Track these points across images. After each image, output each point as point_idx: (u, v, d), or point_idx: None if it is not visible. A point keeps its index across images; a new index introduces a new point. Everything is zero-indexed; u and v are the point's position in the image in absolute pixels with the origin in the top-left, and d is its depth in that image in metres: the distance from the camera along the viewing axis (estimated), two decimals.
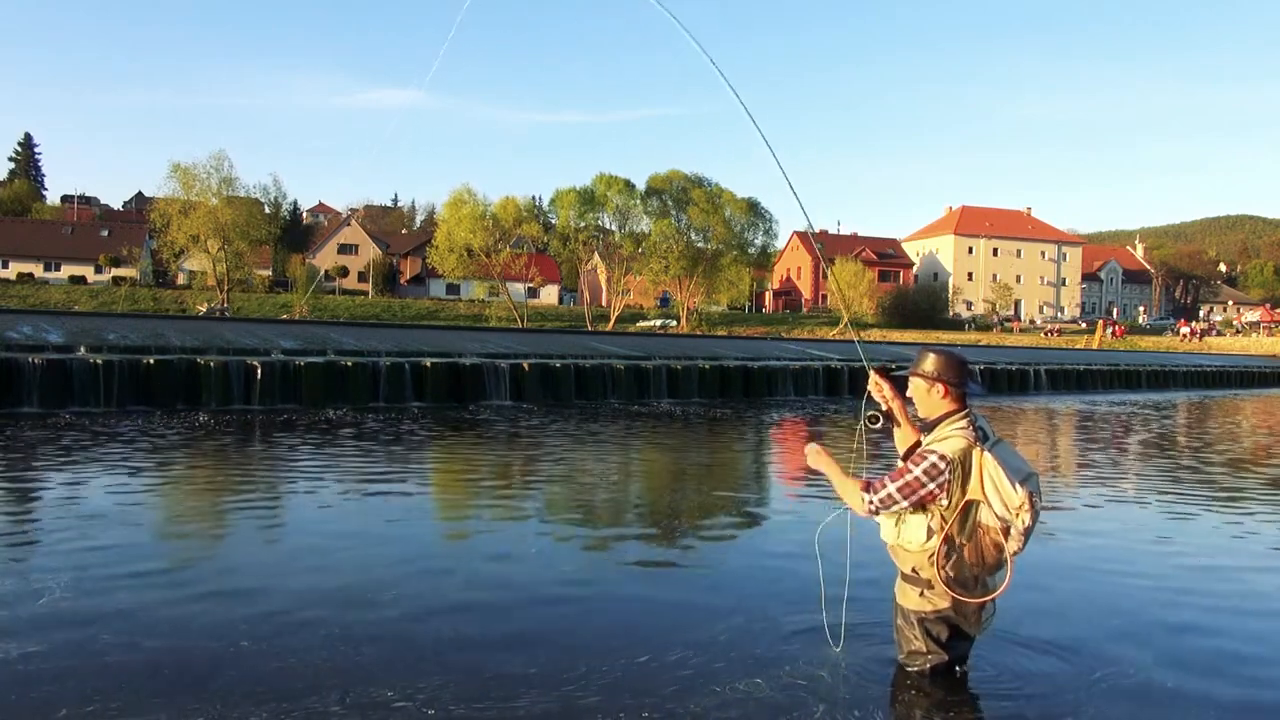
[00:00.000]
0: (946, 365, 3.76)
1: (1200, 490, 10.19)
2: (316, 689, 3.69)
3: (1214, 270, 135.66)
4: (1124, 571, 6.17)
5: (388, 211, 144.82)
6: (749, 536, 7.19)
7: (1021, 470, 3.62)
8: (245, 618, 4.56)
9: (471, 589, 5.29)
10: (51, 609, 4.66)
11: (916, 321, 73.86)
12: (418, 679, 3.81)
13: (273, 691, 3.65)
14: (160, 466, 9.88)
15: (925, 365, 3.80)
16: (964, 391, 3.76)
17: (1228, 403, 27.71)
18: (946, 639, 3.79)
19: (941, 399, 3.74)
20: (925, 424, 3.83)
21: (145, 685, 3.70)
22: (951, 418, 3.71)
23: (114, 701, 3.54)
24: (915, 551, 3.71)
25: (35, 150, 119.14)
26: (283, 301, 65.30)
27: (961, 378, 3.75)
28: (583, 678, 3.89)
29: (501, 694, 3.70)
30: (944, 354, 3.84)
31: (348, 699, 3.61)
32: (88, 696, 3.57)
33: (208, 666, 3.92)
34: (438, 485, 9.87)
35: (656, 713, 3.58)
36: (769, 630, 4.57)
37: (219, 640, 4.23)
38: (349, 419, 14.64)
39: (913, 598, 3.78)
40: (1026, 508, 3.54)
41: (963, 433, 3.65)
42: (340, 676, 3.83)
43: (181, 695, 3.61)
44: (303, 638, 4.30)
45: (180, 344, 17.40)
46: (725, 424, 16.30)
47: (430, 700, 3.60)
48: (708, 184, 70.14)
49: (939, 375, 3.74)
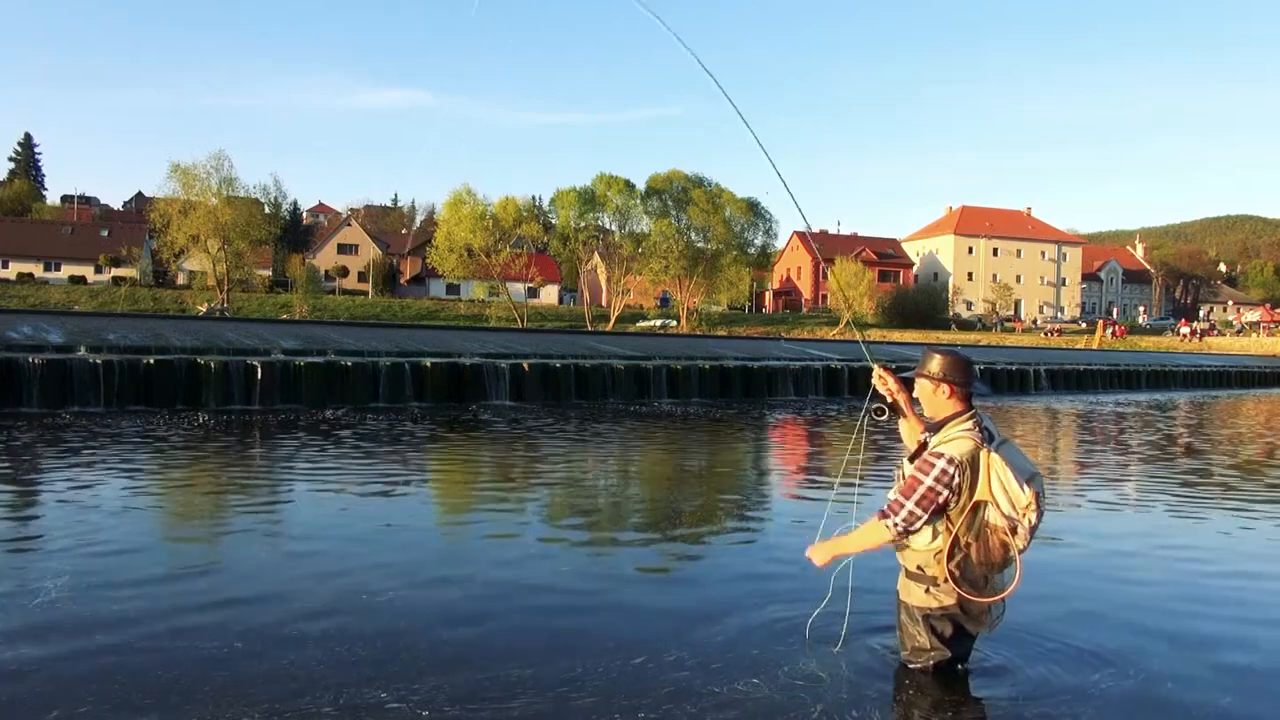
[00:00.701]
0: (952, 366, 3.79)
1: (1205, 492, 10.17)
2: (309, 690, 3.67)
3: (1214, 270, 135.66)
4: (1125, 572, 6.15)
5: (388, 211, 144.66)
6: (746, 537, 7.18)
7: (1027, 470, 3.65)
8: (239, 619, 4.54)
9: (467, 590, 5.27)
10: (47, 611, 4.64)
11: (917, 321, 73.87)
12: (412, 681, 3.79)
13: (265, 694, 3.63)
14: (160, 467, 9.87)
15: (930, 366, 3.82)
16: (970, 391, 3.78)
17: (1228, 403, 27.71)
18: (951, 636, 3.79)
19: (947, 399, 3.77)
20: (931, 424, 3.83)
21: (137, 687, 3.68)
22: (958, 418, 3.73)
23: (105, 703, 3.52)
24: (922, 550, 3.72)
25: (35, 150, 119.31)
26: (283, 301, 65.32)
27: (967, 378, 3.78)
28: (578, 679, 3.87)
29: (496, 695, 3.68)
30: (949, 354, 3.86)
31: (341, 700, 3.59)
32: (79, 698, 3.55)
33: (201, 669, 3.90)
34: (436, 486, 9.86)
35: (652, 714, 3.56)
36: (766, 631, 4.55)
37: (213, 642, 4.21)
38: (349, 419, 14.64)
39: (918, 594, 3.77)
40: (1033, 507, 3.58)
41: (969, 434, 3.66)
42: (334, 678, 3.81)
43: (173, 697, 3.60)
44: (297, 639, 4.28)
45: (180, 344, 17.40)
46: (725, 424, 16.30)
47: (424, 702, 3.58)
48: (708, 184, 70.14)
49: (944, 376, 3.77)
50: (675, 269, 68.32)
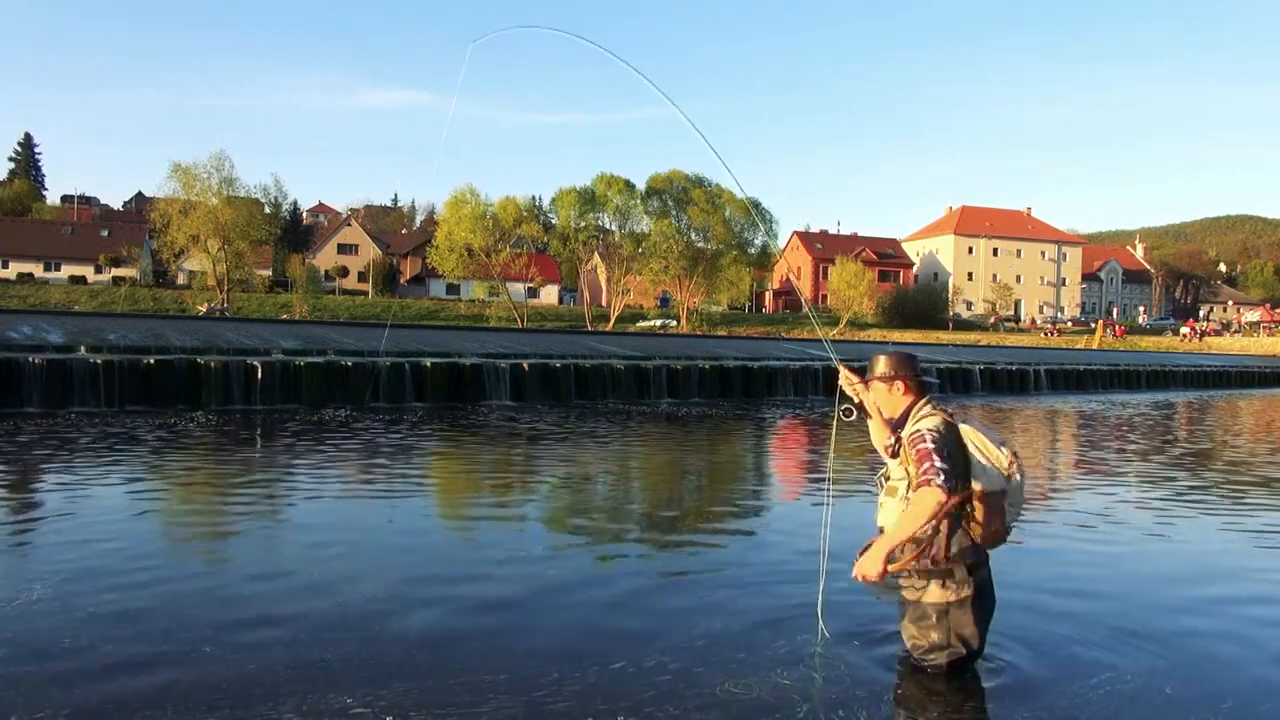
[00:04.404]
0: (899, 363, 3.97)
1: (1206, 492, 10.13)
2: (274, 695, 3.57)
3: (1214, 270, 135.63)
4: (1125, 573, 6.09)
5: (388, 211, 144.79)
6: (742, 537, 7.08)
7: (996, 437, 3.79)
8: (213, 622, 4.45)
9: (449, 594, 5.15)
10: (24, 610, 4.57)
11: (917, 322, 73.82)
12: (380, 685, 3.70)
13: (228, 698, 3.53)
14: (159, 468, 9.81)
15: (879, 368, 3.99)
16: (922, 381, 3.94)
17: (1229, 403, 27.70)
18: (968, 630, 3.78)
19: (904, 395, 3.93)
20: (894, 421, 3.93)
21: (98, 690, 3.60)
22: (917, 406, 3.88)
23: (65, 707, 3.43)
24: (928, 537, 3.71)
25: (35, 150, 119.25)
26: (283, 301, 65.33)
27: (915, 369, 3.96)
28: (554, 684, 3.76)
29: (467, 700, 3.58)
30: (894, 354, 4.05)
31: (305, 706, 3.49)
32: (37, 703, 3.46)
33: (167, 671, 3.81)
34: (431, 488, 9.71)
35: (633, 717, 3.47)
36: (755, 632, 4.46)
37: (181, 645, 4.12)
38: (349, 419, 14.64)
39: (934, 591, 3.75)
40: (1015, 465, 3.75)
41: (935, 413, 3.79)
42: (300, 683, 3.71)
43: (133, 700, 3.51)
44: (268, 642, 4.18)
45: (180, 344, 17.39)
46: (724, 424, 16.26)
47: (391, 707, 3.49)
48: (708, 184, 70.12)
49: (895, 373, 3.94)
50: (675, 269, 68.30)
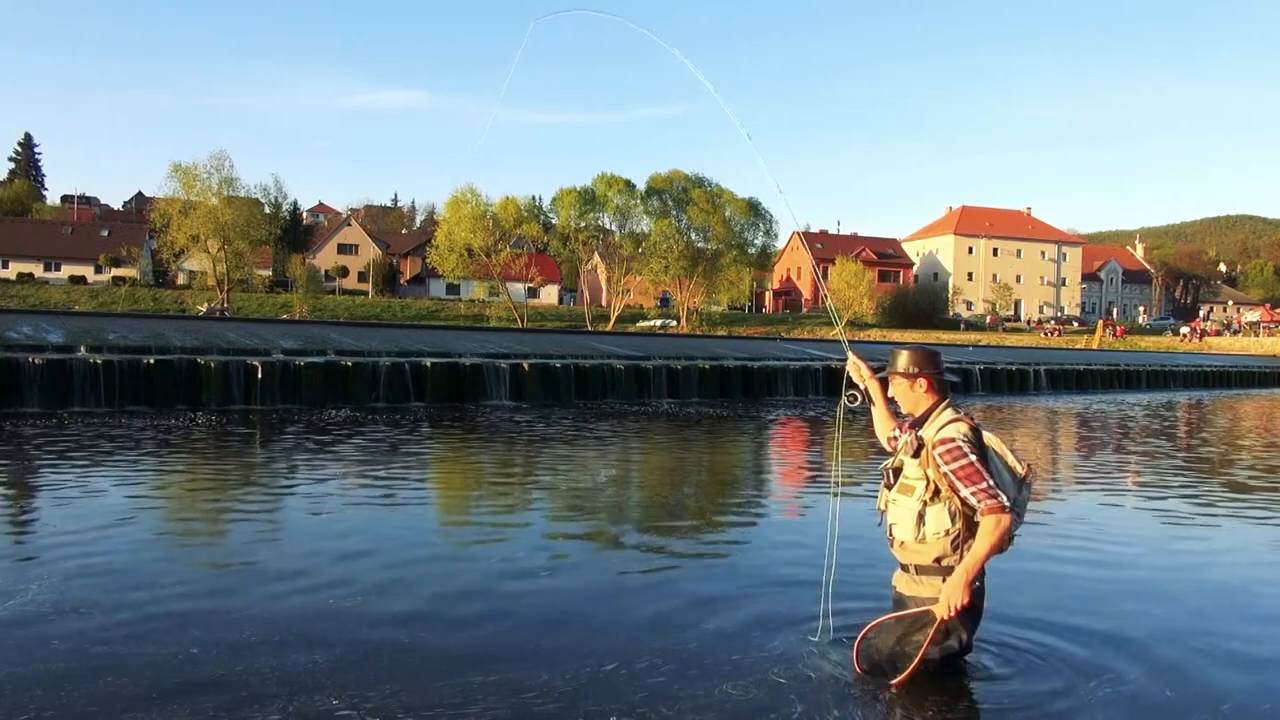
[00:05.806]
0: (924, 359, 3.86)
1: (1206, 492, 10.13)
2: (259, 698, 3.52)
3: (1214, 270, 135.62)
4: (1126, 573, 6.06)
5: (388, 211, 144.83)
6: (727, 540, 7.05)
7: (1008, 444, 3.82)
8: (203, 623, 4.41)
9: (435, 593, 5.10)
10: (17, 611, 4.54)
11: (916, 322, 73.82)
12: (368, 688, 3.65)
13: (213, 701, 3.49)
14: (158, 468, 9.80)
15: (901, 363, 3.88)
16: (944, 381, 3.85)
17: (1230, 403, 27.70)
18: (965, 630, 3.76)
19: (925, 393, 3.84)
20: (913, 420, 3.83)
21: (82, 692, 3.56)
22: (938, 408, 3.79)
23: (50, 707, 3.41)
24: (938, 539, 3.66)
25: (35, 150, 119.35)
26: (283, 301, 65.35)
27: (939, 366, 3.88)
28: (543, 686, 3.72)
29: (455, 703, 3.53)
30: (917, 349, 3.94)
31: (290, 707, 3.44)
32: (22, 704, 3.44)
33: (152, 674, 3.77)
34: (425, 487, 9.66)
35: (626, 718, 3.44)
36: (750, 633, 4.44)
37: (169, 647, 4.08)
38: (349, 419, 14.65)
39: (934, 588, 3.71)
40: (1030, 475, 3.74)
41: (960, 418, 3.72)
42: (286, 685, 3.66)
43: (117, 703, 3.47)
44: (254, 643, 4.15)
45: (180, 344, 17.37)
46: (724, 424, 16.26)
47: (378, 709, 3.44)
48: (708, 184, 70.16)
49: (919, 370, 3.83)
50: (675, 269, 68.33)
